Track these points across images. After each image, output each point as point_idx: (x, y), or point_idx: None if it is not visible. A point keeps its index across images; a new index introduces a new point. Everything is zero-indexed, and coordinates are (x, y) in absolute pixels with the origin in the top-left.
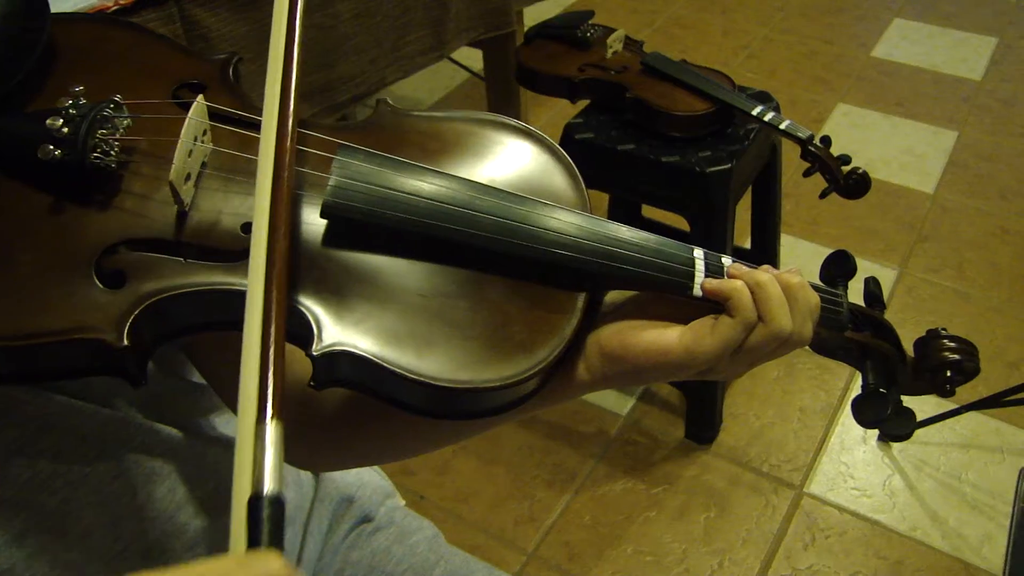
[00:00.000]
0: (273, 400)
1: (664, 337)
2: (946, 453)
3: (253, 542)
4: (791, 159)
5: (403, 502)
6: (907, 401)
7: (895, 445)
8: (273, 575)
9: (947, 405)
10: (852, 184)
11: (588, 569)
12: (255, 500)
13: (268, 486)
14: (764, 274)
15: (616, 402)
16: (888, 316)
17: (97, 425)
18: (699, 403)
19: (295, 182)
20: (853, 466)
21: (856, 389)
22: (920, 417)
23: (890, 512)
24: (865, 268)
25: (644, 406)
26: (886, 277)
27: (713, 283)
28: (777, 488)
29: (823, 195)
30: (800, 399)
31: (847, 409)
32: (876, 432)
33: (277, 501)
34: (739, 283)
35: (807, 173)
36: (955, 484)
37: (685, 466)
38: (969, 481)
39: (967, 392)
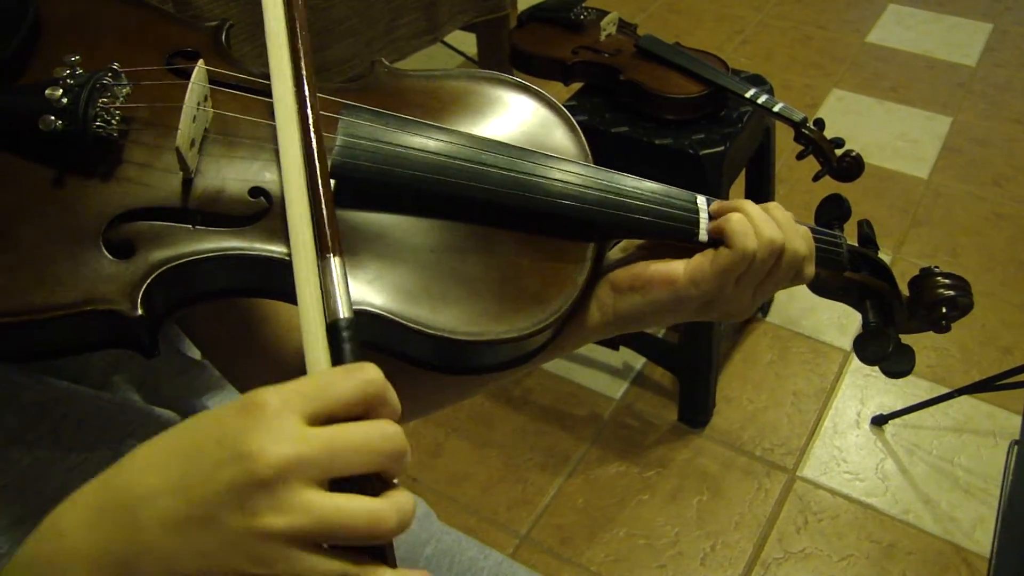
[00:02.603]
0: (332, 235)
1: (670, 267)
2: (939, 437)
3: (338, 362)
4: (785, 144)
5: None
6: (911, 347)
7: (888, 429)
8: (373, 380)
9: (940, 389)
10: (845, 167)
11: (581, 552)
12: (334, 325)
13: (343, 312)
14: (740, 201)
15: (609, 385)
16: None
17: (95, 411)
18: (692, 386)
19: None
20: (846, 450)
21: (850, 372)
22: (913, 401)
23: (883, 496)
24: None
25: (637, 389)
26: None
27: (713, 223)
28: (770, 472)
29: (816, 178)
30: (793, 383)
31: (841, 393)
32: (869, 416)
33: (354, 324)
34: (733, 214)
35: (800, 156)
36: (947, 468)
37: (678, 449)
38: (961, 465)
39: (960, 376)
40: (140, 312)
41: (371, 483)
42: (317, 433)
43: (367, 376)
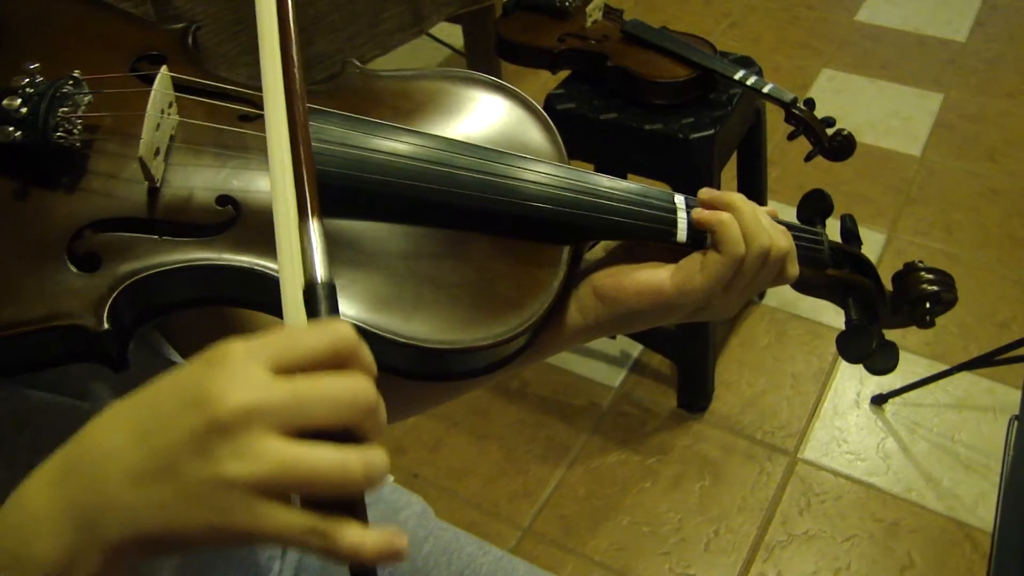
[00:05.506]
0: (312, 198)
1: (657, 277)
2: (939, 414)
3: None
4: (776, 126)
5: (392, 478)
6: (895, 344)
7: (888, 408)
8: (345, 335)
9: (939, 366)
10: (837, 145)
11: (584, 542)
12: (311, 287)
13: (320, 274)
14: (732, 197)
15: (607, 374)
16: None
17: (75, 421)
18: (691, 372)
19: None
20: (846, 430)
21: None
22: (913, 379)
23: (884, 475)
24: None
25: (636, 377)
26: (875, 241)
27: (702, 214)
28: (771, 455)
29: (808, 158)
30: (792, 365)
31: (839, 374)
32: (869, 396)
33: (332, 285)
34: (725, 216)
35: (791, 136)
36: (948, 445)
37: (678, 436)
38: (962, 441)
39: (958, 353)
40: (106, 326)
41: (342, 439)
42: (281, 381)
43: (338, 330)
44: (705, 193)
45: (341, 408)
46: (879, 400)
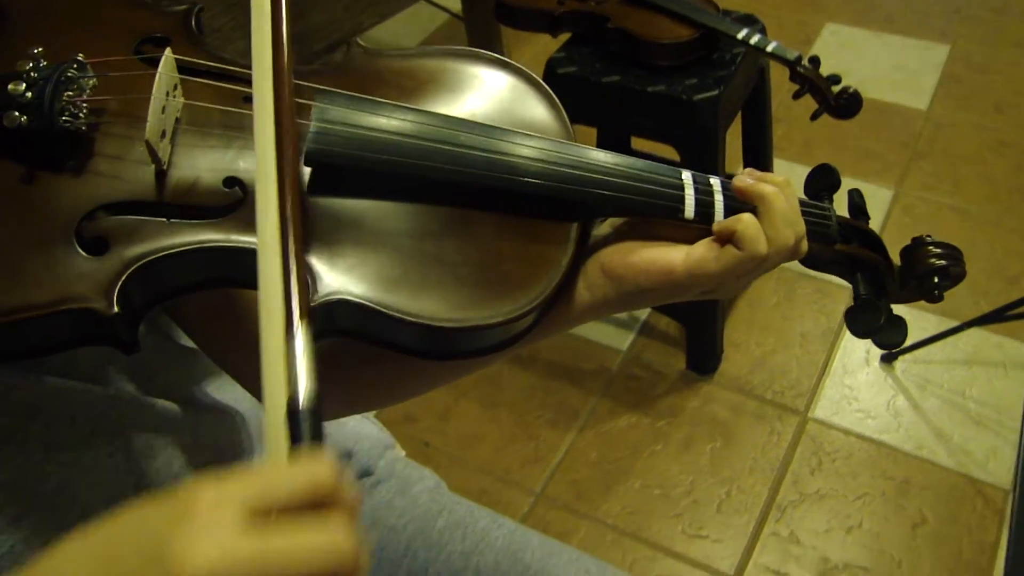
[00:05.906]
0: (300, 303)
1: (667, 257)
2: (949, 371)
3: (296, 442)
4: (781, 83)
5: (403, 452)
6: (902, 312)
7: (898, 365)
8: (324, 475)
9: (949, 323)
10: (843, 104)
11: (596, 506)
12: (294, 412)
13: (304, 397)
14: (767, 189)
15: (616, 337)
16: (885, 237)
17: (87, 406)
18: (699, 334)
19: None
20: (856, 388)
21: None
22: (922, 335)
23: (895, 432)
24: (861, 189)
25: (644, 340)
26: (882, 197)
27: (720, 224)
28: (782, 415)
29: (814, 117)
30: (800, 324)
31: (848, 332)
32: (879, 354)
33: (316, 412)
34: (745, 216)
35: (796, 95)
36: (959, 401)
37: (688, 398)
38: (973, 397)
39: (968, 308)
40: (116, 309)
41: None
42: (252, 538)
43: (318, 470)
44: (739, 182)
45: (316, 568)
46: (889, 358)
